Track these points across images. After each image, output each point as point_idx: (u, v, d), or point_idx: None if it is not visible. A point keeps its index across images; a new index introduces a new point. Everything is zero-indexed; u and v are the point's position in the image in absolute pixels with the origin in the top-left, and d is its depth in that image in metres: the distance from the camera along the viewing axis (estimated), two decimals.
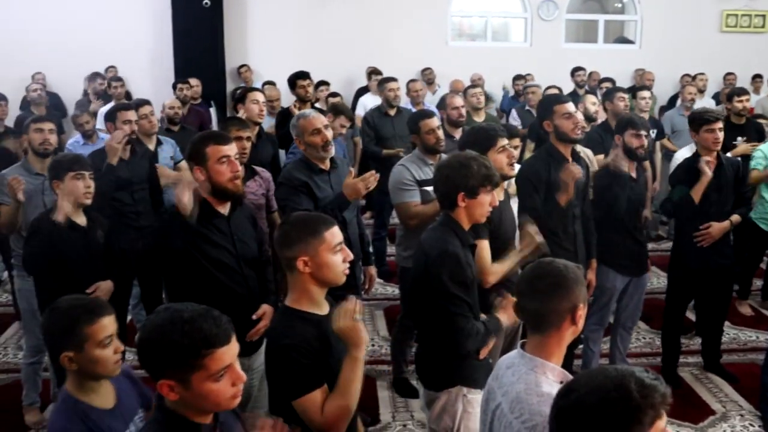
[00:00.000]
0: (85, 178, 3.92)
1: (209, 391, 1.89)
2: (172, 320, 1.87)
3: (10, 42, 10.90)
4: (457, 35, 12.60)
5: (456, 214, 3.22)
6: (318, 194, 4.14)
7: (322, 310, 2.62)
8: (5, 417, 4.80)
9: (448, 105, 6.05)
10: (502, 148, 3.93)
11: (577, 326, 2.29)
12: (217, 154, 3.38)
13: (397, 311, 5.93)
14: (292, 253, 2.54)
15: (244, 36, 11.50)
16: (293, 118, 4.42)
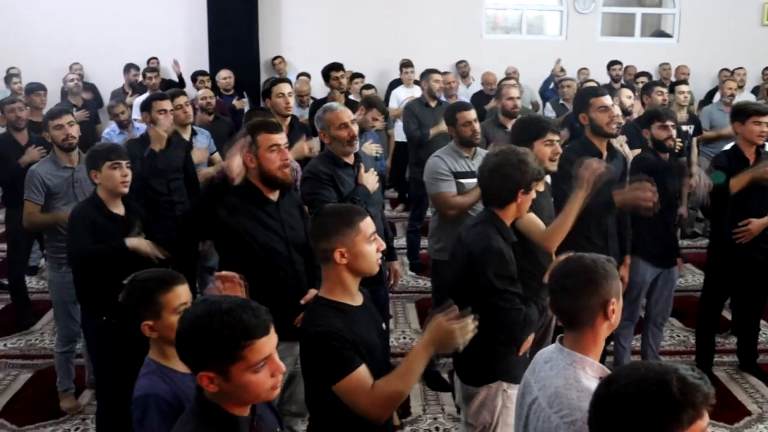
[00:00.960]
0: (122, 167, 3.95)
1: (249, 383, 1.89)
2: (211, 312, 1.87)
3: (48, 33, 11.07)
4: (491, 28, 12.51)
5: (503, 210, 3.21)
6: (342, 188, 4.12)
7: (355, 301, 2.63)
8: (42, 402, 4.89)
9: (503, 95, 6.03)
10: (550, 142, 3.90)
11: (611, 321, 2.27)
12: (268, 142, 3.42)
13: (428, 304, 5.92)
14: (330, 245, 2.54)
15: (278, 27, 11.54)
16: (319, 111, 4.36)
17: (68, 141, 4.71)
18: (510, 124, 5.88)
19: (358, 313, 2.60)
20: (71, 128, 4.74)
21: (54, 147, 4.82)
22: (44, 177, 4.63)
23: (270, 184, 3.49)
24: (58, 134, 4.70)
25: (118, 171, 3.93)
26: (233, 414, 1.95)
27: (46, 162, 4.79)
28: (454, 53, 11.04)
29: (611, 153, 4.48)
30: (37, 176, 4.63)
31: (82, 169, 4.67)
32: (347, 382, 2.43)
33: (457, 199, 4.50)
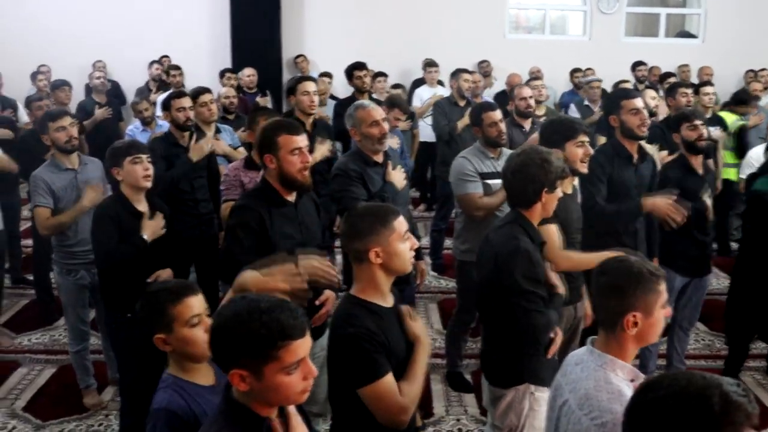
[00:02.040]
0: (143, 161, 3.93)
1: (280, 384, 1.88)
2: (250, 310, 1.86)
3: (73, 31, 11.16)
4: (514, 28, 12.46)
5: (529, 211, 3.19)
6: (371, 187, 4.13)
7: (386, 302, 2.62)
8: (66, 397, 4.92)
9: (516, 96, 6.01)
10: (581, 143, 3.87)
11: (628, 332, 2.21)
12: (290, 144, 3.36)
13: (451, 305, 5.90)
14: (364, 245, 2.53)
15: (301, 26, 11.55)
16: (350, 108, 4.37)
17: (71, 142, 4.62)
18: (526, 123, 5.89)
19: (389, 315, 2.59)
20: (72, 129, 4.65)
21: (54, 150, 4.68)
22: (48, 181, 4.55)
23: (289, 185, 3.45)
24: (61, 136, 4.58)
25: (139, 166, 3.91)
26: (261, 415, 1.94)
27: (47, 166, 4.68)
28: (477, 53, 10.99)
29: (642, 156, 4.43)
30: (41, 180, 4.53)
31: (84, 171, 4.69)
32: (374, 388, 2.43)
33: (483, 200, 4.48)
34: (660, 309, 2.23)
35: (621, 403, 2.09)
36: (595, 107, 8.14)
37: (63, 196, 4.56)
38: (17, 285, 6.90)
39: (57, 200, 4.55)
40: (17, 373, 5.25)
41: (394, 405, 2.44)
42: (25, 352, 5.59)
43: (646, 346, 4.73)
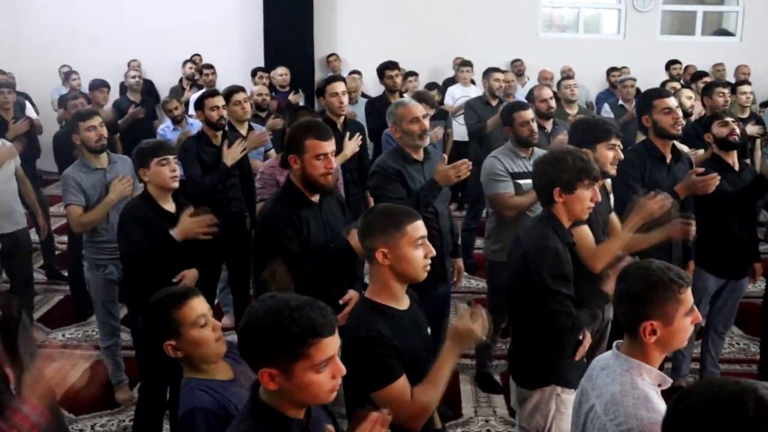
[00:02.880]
0: (170, 162, 3.92)
1: (310, 382, 1.88)
2: (280, 308, 1.87)
3: (106, 30, 11.29)
4: (547, 27, 12.35)
5: (555, 210, 3.17)
6: (410, 184, 4.13)
7: (400, 305, 2.60)
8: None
9: (536, 97, 5.94)
10: (612, 146, 3.83)
11: (646, 340, 2.18)
12: (317, 149, 3.38)
13: (482, 305, 5.86)
14: (372, 243, 2.53)
15: (333, 25, 11.56)
16: (391, 105, 4.42)
17: (101, 142, 4.66)
18: (547, 124, 5.83)
19: (403, 318, 2.57)
20: (102, 129, 4.70)
21: (83, 150, 4.73)
22: (78, 179, 4.60)
23: (310, 188, 3.48)
24: (92, 136, 4.63)
25: (166, 167, 3.90)
26: (288, 415, 1.94)
27: (76, 165, 4.73)
28: (509, 52, 10.92)
29: (675, 156, 4.37)
30: (71, 178, 4.58)
31: (112, 169, 4.72)
32: (387, 392, 2.42)
33: (514, 200, 4.45)
34: (683, 317, 2.19)
35: (647, 409, 2.07)
36: (629, 107, 8.03)
37: (92, 194, 4.62)
38: (51, 281, 7.00)
39: (87, 199, 4.60)
40: (51, 367, 5.31)
41: (406, 409, 2.43)
42: (59, 347, 5.66)
43: (679, 350, 4.73)
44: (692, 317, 2.22)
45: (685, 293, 2.19)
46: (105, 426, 4.61)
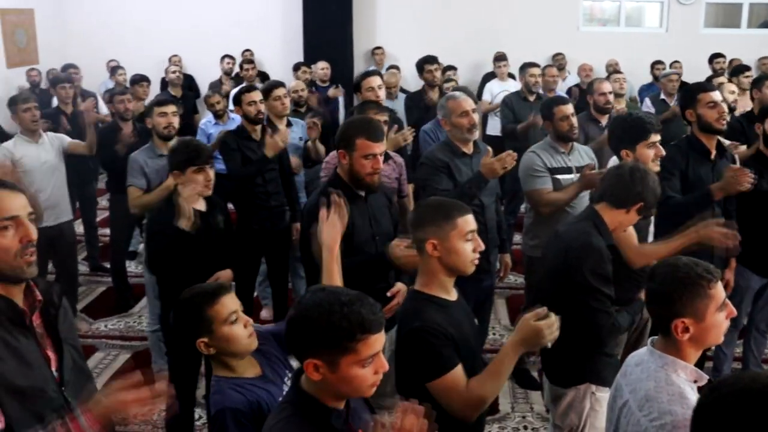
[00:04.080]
0: (206, 171, 3.88)
1: (354, 376, 1.91)
2: (331, 302, 1.89)
3: (148, 26, 11.46)
4: (588, 20, 12.22)
5: (611, 211, 3.16)
6: (457, 177, 4.16)
7: (450, 296, 2.62)
8: None
9: (595, 90, 5.89)
10: (652, 144, 3.80)
11: (679, 338, 2.16)
12: (366, 149, 3.41)
13: (519, 301, 5.86)
14: (423, 234, 2.55)
15: (373, 20, 11.57)
16: (441, 99, 4.49)
17: (169, 129, 4.84)
18: (603, 119, 5.77)
19: (454, 308, 2.59)
20: (174, 118, 4.88)
21: (153, 135, 4.95)
22: (143, 163, 4.74)
23: (356, 184, 3.51)
24: (162, 121, 4.83)
25: (202, 176, 3.86)
26: (327, 405, 1.97)
27: (144, 149, 4.91)
28: (550, 46, 10.82)
29: (720, 151, 4.29)
30: (136, 162, 4.75)
31: None
32: (443, 381, 2.44)
33: (552, 196, 4.42)
34: (715, 313, 2.17)
35: (681, 405, 2.06)
36: (671, 101, 7.91)
37: (154, 179, 4.72)
38: (95, 273, 7.14)
39: (149, 183, 4.72)
40: (94, 357, 5.43)
41: (461, 398, 2.44)
42: (101, 338, 5.78)
43: (720, 347, 4.66)
44: (726, 312, 2.20)
45: (715, 288, 2.17)
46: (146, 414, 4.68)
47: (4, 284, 2.09)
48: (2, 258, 2.05)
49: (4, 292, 2.09)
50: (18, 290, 2.13)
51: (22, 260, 2.06)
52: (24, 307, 2.13)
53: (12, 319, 2.09)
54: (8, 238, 2.05)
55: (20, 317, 2.11)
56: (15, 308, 2.10)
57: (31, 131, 5.39)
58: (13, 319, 2.09)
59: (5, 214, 2.05)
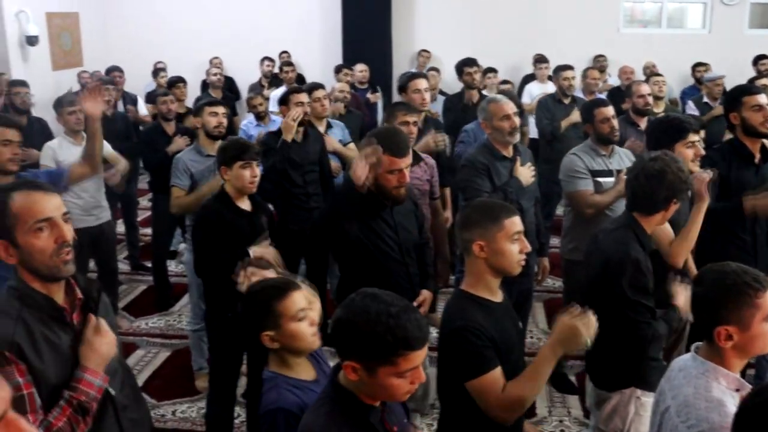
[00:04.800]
0: (252, 167, 3.92)
1: (390, 385, 1.93)
2: (379, 311, 1.89)
3: (189, 28, 11.61)
4: (628, 22, 12.08)
5: (648, 217, 3.13)
6: (496, 180, 4.16)
7: (495, 297, 2.63)
8: (179, 379, 5.14)
9: (634, 93, 5.84)
10: (691, 143, 3.78)
11: (722, 346, 2.13)
12: (391, 165, 3.44)
13: (557, 304, 5.82)
14: (470, 235, 2.57)
15: (411, 22, 11.57)
16: (483, 102, 4.49)
17: (219, 129, 4.88)
18: (642, 122, 5.72)
19: (499, 310, 2.60)
20: (224, 119, 4.93)
21: (199, 135, 4.98)
22: (188, 163, 4.78)
23: (382, 196, 3.53)
24: (213, 120, 4.86)
25: (248, 171, 3.89)
26: (365, 403, 1.99)
27: (190, 150, 4.96)
28: (590, 47, 10.73)
29: (765, 155, 4.22)
30: (182, 162, 4.79)
31: None
32: (481, 381, 2.44)
33: (594, 198, 4.40)
34: (761, 322, 2.12)
35: (719, 413, 2.04)
36: (714, 104, 7.79)
37: (200, 180, 4.76)
38: (136, 271, 7.25)
39: (194, 183, 4.76)
40: (135, 355, 5.52)
41: (498, 400, 2.44)
42: (142, 335, 5.87)
43: (763, 356, 4.58)
44: None
45: (763, 297, 2.13)
46: (185, 412, 4.76)
47: (44, 282, 2.15)
48: (38, 258, 2.10)
49: (44, 290, 2.15)
50: (58, 288, 2.18)
51: (58, 260, 2.11)
52: (64, 304, 2.19)
53: (52, 315, 2.15)
54: (43, 239, 2.10)
55: (60, 314, 2.17)
56: (55, 305, 2.16)
57: (74, 132, 5.51)
58: (54, 315, 2.15)
59: (39, 216, 2.11)
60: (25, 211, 2.10)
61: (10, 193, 2.13)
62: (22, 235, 2.10)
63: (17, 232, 2.10)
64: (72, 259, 2.16)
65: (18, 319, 2.07)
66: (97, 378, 2.14)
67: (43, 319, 2.12)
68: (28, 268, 2.13)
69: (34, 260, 2.11)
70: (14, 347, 2.01)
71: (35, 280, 2.14)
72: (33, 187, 2.18)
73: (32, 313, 2.10)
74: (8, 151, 3.91)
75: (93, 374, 2.14)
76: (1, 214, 2.11)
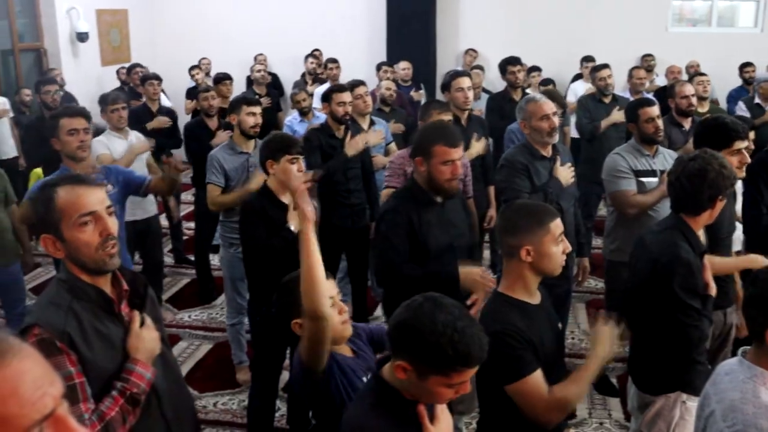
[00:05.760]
0: (299, 163, 3.94)
1: (436, 392, 1.95)
2: (445, 323, 1.88)
3: (235, 25, 11.73)
4: (677, 20, 11.88)
5: (695, 218, 3.07)
6: (536, 180, 4.13)
7: (534, 299, 2.61)
8: (220, 372, 5.20)
9: (677, 93, 5.72)
10: (736, 151, 3.69)
11: None
12: (444, 156, 3.40)
13: (599, 305, 5.76)
14: (517, 241, 2.55)
15: (456, 20, 11.53)
16: (521, 101, 4.44)
17: (255, 128, 4.92)
18: (686, 122, 5.62)
19: (537, 312, 2.58)
20: (260, 119, 4.97)
21: (235, 131, 5.00)
22: (221, 160, 4.82)
23: (434, 191, 3.50)
24: (251, 120, 4.88)
25: (295, 165, 3.91)
26: (408, 399, 2.00)
27: (223, 147, 4.99)
28: (637, 47, 10.56)
29: None
30: (215, 159, 4.82)
31: (257, 155, 4.89)
32: (522, 385, 2.43)
33: (637, 198, 4.34)
34: None
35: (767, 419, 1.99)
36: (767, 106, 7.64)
37: (234, 176, 4.82)
38: (179, 264, 7.36)
39: (228, 180, 4.81)
40: (178, 346, 5.60)
41: (541, 402, 2.43)
42: (185, 327, 5.96)
43: None
44: None
45: None
46: (226, 404, 4.82)
47: (91, 275, 2.19)
48: (85, 252, 2.14)
49: (92, 282, 2.19)
50: (105, 280, 2.22)
51: (103, 253, 2.15)
52: (112, 295, 2.23)
53: (102, 306, 2.19)
54: (88, 233, 2.14)
55: (109, 305, 2.21)
56: (104, 296, 2.20)
57: (118, 129, 5.62)
58: (103, 306, 2.19)
59: (84, 210, 2.14)
60: (69, 206, 2.13)
61: (54, 188, 2.17)
62: (67, 230, 2.13)
63: (63, 227, 2.14)
64: (117, 252, 2.20)
65: (68, 310, 2.11)
66: (148, 371, 2.18)
67: (93, 310, 2.16)
68: (75, 262, 2.17)
69: (80, 254, 2.14)
70: (65, 337, 2.05)
71: (83, 273, 2.18)
72: (77, 181, 2.21)
73: (82, 305, 2.14)
74: (75, 140, 4.03)
75: (144, 367, 2.18)
76: (46, 210, 2.15)
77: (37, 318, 2.09)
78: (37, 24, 10.30)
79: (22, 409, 1.01)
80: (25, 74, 10.14)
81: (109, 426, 2.06)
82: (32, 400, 1.02)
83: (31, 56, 10.39)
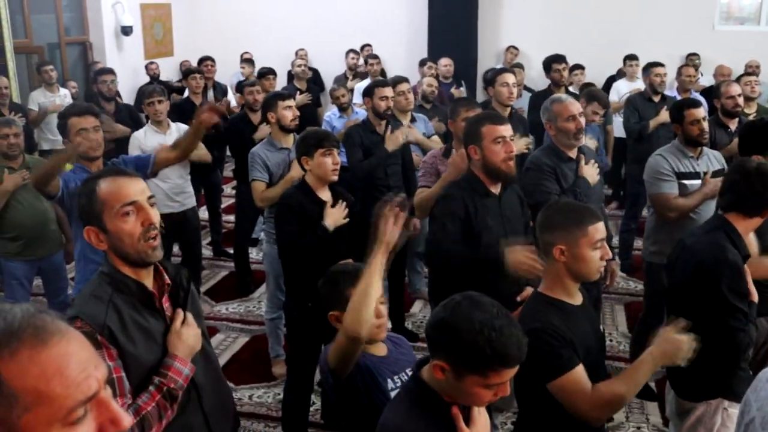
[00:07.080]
0: (334, 154, 3.93)
1: (474, 393, 1.93)
2: (483, 322, 1.87)
3: (276, 20, 11.80)
4: (724, 18, 11.64)
5: (744, 220, 3.02)
6: (563, 182, 4.06)
7: (574, 300, 2.58)
8: (256, 365, 5.24)
9: (723, 93, 5.62)
10: None
11: None
12: (493, 134, 3.40)
13: (638, 308, 5.68)
14: (552, 238, 2.52)
15: (498, 17, 11.45)
16: (546, 101, 4.35)
17: (295, 121, 4.95)
18: (732, 123, 5.51)
19: (577, 313, 2.55)
20: (296, 111, 5.00)
21: (273, 128, 5.02)
22: (263, 156, 4.85)
23: (493, 176, 3.48)
24: (288, 114, 4.92)
25: (329, 158, 3.90)
26: (446, 400, 1.99)
27: (264, 143, 5.02)
28: (683, 45, 10.37)
29: None
30: (258, 156, 4.86)
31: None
32: (564, 381, 2.40)
33: (678, 201, 4.27)
34: None
35: None
36: None
37: (276, 172, 4.84)
38: (218, 257, 7.42)
39: (271, 176, 4.83)
40: (215, 338, 5.64)
41: (584, 398, 2.40)
42: (222, 320, 6.01)
43: None
44: None
45: None
46: (261, 397, 4.85)
47: (134, 268, 2.21)
48: (127, 242, 2.16)
49: (134, 276, 2.21)
50: (147, 273, 2.24)
51: (146, 244, 2.17)
52: (153, 289, 2.24)
53: (142, 300, 2.20)
54: (130, 222, 2.17)
55: (150, 299, 2.22)
56: (145, 290, 2.21)
57: (157, 122, 5.68)
58: (144, 300, 2.21)
59: (125, 200, 2.17)
60: (111, 196, 2.17)
61: (97, 180, 2.21)
62: (110, 220, 2.16)
63: (105, 218, 2.17)
64: (159, 244, 2.22)
65: (109, 303, 2.13)
66: (186, 367, 2.20)
67: (134, 303, 2.18)
68: (117, 254, 2.20)
69: (123, 244, 2.17)
70: (105, 330, 2.07)
71: (125, 266, 2.20)
72: (118, 173, 2.26)
73: (123, 298, 2.16)
74: (85, 140, 3.92)
75: (182, 363, 2.19)
76: (89, 201, 2.19)
77: (79, 311, 2.11)
78: (83, 18, 10.49)
79: (67, 389, 1.03)
80: (71, 67, 10.33)
81: (144, 420, 2.08)
82: (77, 381, 1.04)
83: (77, 50, 10.58)
